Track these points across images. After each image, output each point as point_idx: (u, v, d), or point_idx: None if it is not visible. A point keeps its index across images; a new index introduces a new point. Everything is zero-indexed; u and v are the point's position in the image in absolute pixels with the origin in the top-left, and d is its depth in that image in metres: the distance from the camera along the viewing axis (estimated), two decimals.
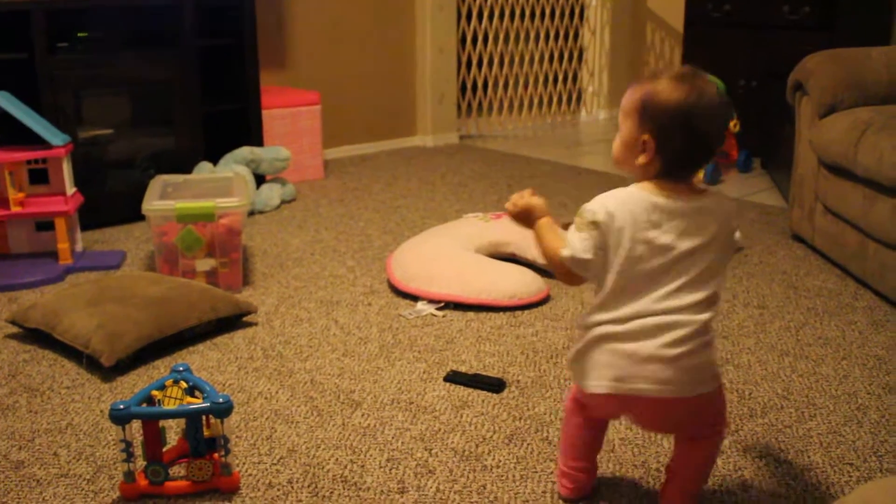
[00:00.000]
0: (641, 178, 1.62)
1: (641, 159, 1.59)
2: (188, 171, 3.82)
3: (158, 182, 3.23)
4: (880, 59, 3.33)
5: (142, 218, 2.97)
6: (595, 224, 1.57)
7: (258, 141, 4.17)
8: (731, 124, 4.52)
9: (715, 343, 1.64)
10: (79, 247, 3.34)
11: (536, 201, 1.74)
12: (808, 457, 1.97)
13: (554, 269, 1.69)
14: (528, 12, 6.00)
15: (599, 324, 1.60)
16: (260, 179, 4.09)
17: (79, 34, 3.67)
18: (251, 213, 3.88)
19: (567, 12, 6.21)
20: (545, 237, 1.70)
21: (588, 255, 1.58)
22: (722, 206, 1.62)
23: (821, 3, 4.61)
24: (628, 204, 1.57)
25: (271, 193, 3.99)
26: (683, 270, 1.57)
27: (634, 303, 1.58)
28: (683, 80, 1.57)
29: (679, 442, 1.74)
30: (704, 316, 1.58)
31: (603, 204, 1.58)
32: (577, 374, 1.68)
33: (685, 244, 1.57)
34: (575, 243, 1.60)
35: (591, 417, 1.76)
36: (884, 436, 2.06)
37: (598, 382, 1.61)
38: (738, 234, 1.68)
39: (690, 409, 1.64)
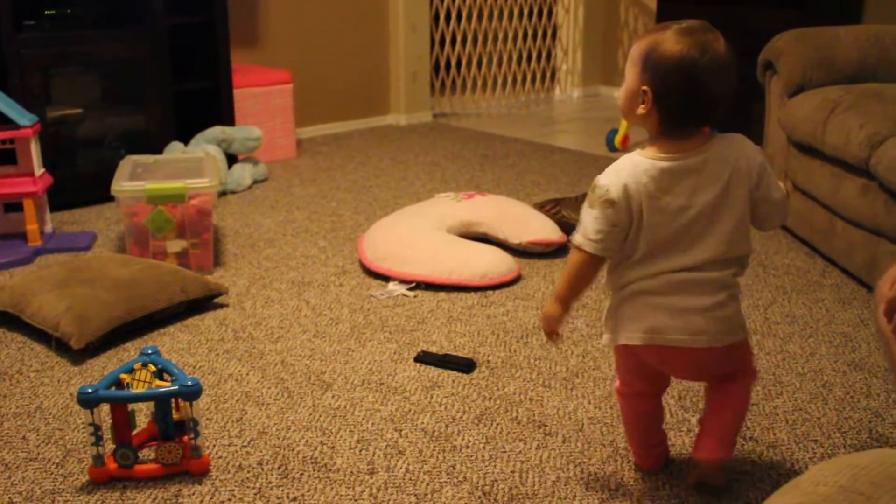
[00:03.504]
0: (646, 129, 1.64)
1: (640, 110, 1.60)
2: (159, 150, 3.80)
3: (128, 162, 3.21)
4: (848, 38, 3.34)
5: (112, 198, 2.95)
6: (610, 202, 1.60)
7: (230, 120, 4.14)
8: None
9: (740, 297, 1.68)
10: (48, 228, 3.31)
11: (547, 312, 1.74)
12: (774, 434, 2.00)
13: (576, 279, 1.69)
14: None
15: (632, 282, 1.64)
16: (231, 159, 4.06)
17: (46, 11, 3.62)
18: (223, 194, 3.86)
19: None
20: (560, 279, 1.72)
21: (598, 237, 1.62)
22: (734, 153, 1.62)
23: None
24: (637, 174, 1.59)
25: (243, 173, 3.97)
26: (702, 225, 1.60)
27: (662, 262, 1.62)
28: (688, 34, 1.55)
29: (711, 390, 1.78)
30: (730, 271, 1.64)
31: (618, 179, 1.60)
32: (611, 329, 1.70)
33: (700, 200, 1.59)
34: (586, 224, 1.63)
35: (639, 392, 1.78)
36: (848, 412, 2.09)
37: (632, 334, 1.65)
38: (776, 192, 1.67)
39: (720, 358, 1.68)
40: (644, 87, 1.58)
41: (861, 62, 3.30)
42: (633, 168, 1.61)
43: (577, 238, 1.65)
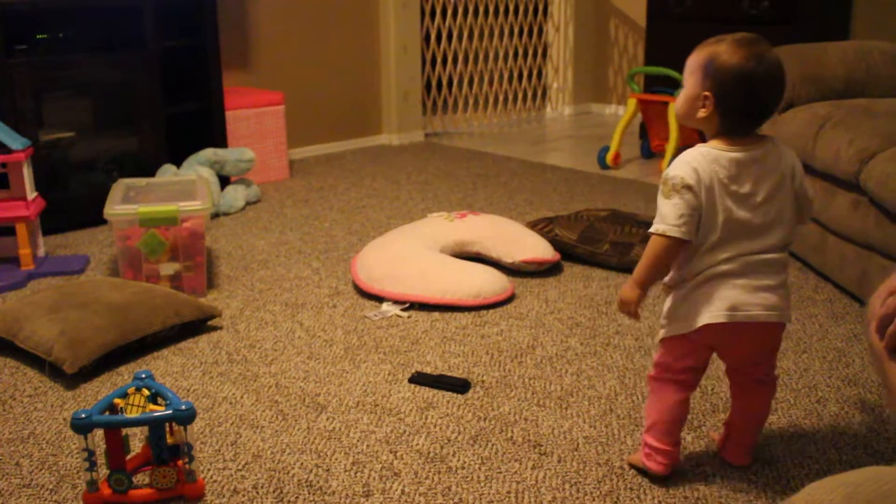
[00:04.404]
0: (705, 130, 1.80)
1: (702, 113, 1.75)
2: (151, 173, 3.80)
3: (121, 186, 3.21)
4: (836, 54, 3.37)
5: (105, 221, 2.95)
6: (687, 187, 1.72)
7: (222, 142, 4.15)
8: None
9: None
10: (41, 252, 3.31)
11: (625, 296, 1.85)
12: (770, 451, 2.00)
13: (656, 265, 1.79)
14: (491, 9, 6.01)
15: (709, 267, 1.76)
16: (224, 181, 4.07)
17: (38, 36, 3.63)
18: (215, 215, 3.86)
19: (531, 8, 6.23)
20: (639, 265, 1.82)
21: (680, 222, 1.72)
22: (783, 151, 1.79)
23: None
24: (708, 162, 1.73)
25: (236, 195, 3.97)
26: (766, 211, 1.75)
27: (737, 247, 1.75)
28: (745, 45, 1.72)
29: (738, 396, 1.93)
30: (785, 253, 1.80)
31: (689, 167, 1.73)
32: (683, 317, 1.80)
33: (763, 188, 1.75)
34: (665, 212, 1.74)
35: (679, 381, 1.86)
36: (843, 428, 2.09)
37: (716, 314, 1.75)
38: (809, 190, 1.83)
39: (776, 337, 1.86)
40: (706, 93, 1.73)
41: (849, 78, 3.33)
42: (702, 158, 1.74)
43: (660, 227, 1.75)
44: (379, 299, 2.88)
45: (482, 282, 2.85)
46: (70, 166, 3.82)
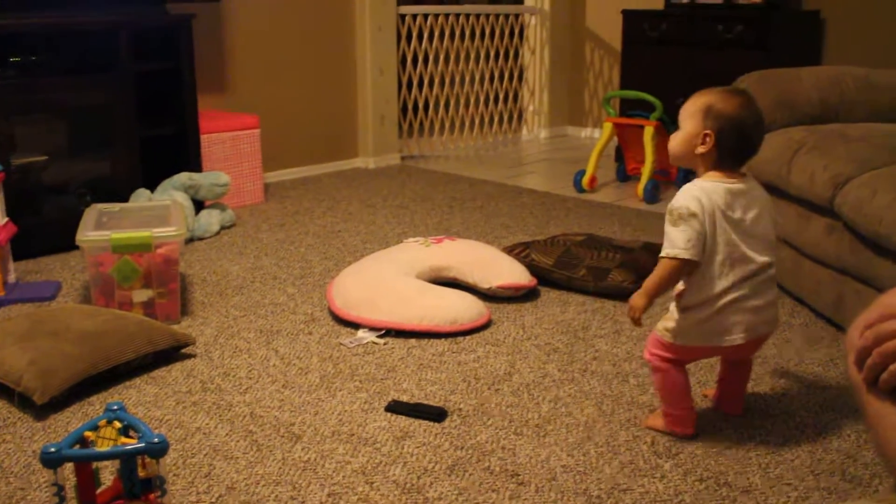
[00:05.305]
0: (700, 166, 2.09)
1: (701, 149, 2.06)
2: (125, 197, 3.76)
3: (94, 211, 3.17)
4: (810, 79, 3.39)
5: (78, 247, 2.91)
6: (693, 215, 2.00)
7: (197, 166, 4.12)
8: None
9: None
10: (11, 278, 3.26)
11: (634, 303, 2.10)
12: (748, 478, 1.99)
13: (665, 283, 2.06)
14: (467, 32, 6.02)
15: (722, 292, 2.04)
16: (199, 205, 4.03)
17: (11, 58, 3.60)
18: (190, 240, 3.82)
19: (507, 32, 6.26)
20: (650, 279, 2.08)
21: (689, 245, 2.00)
22: (760, 188, 2.13)
23: (754, 23, 4.71)
24: (709, 192, 2.03)
25: (210, 219, 3.94)
26: (752, 234, 2.05)
27: (737, 270, 2.04)
28: (737, 95, 2.07)
29: (727, 365, 2.28)
30: (774, 270, 2.11)
31: (693, 197, 2.01)
32: (707, 335, 2.09)
33: (749, 215, 2.06)
34: (674, 238, 2.01)
35: (684, 364, 2.18)
36: (821, 454, 2.09)
37: (734, 336, 2.07)
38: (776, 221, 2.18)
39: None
40: (707, 132, 2.04)
41: (823, 103, 3.35)
42: (701, 189, 2.03)
43: (670, 251, 2.02)
44: (355, 326, 2.86)
45: (459, 308, 2.83)
46: (42, 190, 3.78)
